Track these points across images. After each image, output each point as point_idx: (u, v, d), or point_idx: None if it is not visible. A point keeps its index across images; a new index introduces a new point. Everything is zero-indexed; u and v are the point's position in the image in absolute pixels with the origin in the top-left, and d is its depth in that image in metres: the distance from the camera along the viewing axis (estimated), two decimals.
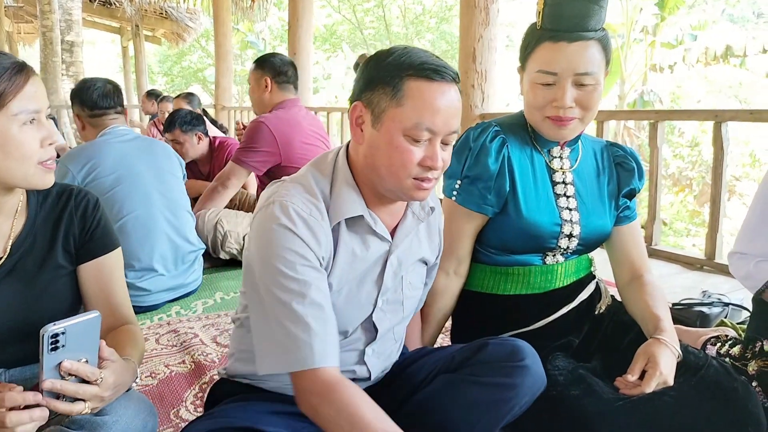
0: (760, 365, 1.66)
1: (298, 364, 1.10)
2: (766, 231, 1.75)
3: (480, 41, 4.60)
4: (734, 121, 3.21)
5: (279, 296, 1.11)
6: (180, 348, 2.31)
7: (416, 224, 1.32)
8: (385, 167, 1.16)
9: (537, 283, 1.59)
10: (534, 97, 1.45)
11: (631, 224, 1.67)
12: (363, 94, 1.17)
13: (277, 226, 1.13)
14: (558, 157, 1.58)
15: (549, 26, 1.42)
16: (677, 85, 14.51)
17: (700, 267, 3.37)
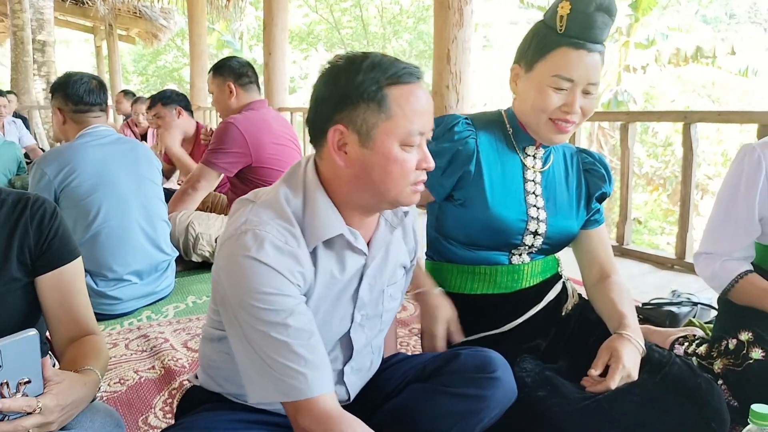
0: (725, 364, 1.69)
1: (293, 394, 1.06)
2: (730, 230, 1.78)
3: (454, 42, 4.61)
4: (703, 122, 3.26)
5: (260, 329, 1.07)
6: (150, 353, 2.29)
7: (390, 232, 1.28)
8: (382, 182, 1.12)
9: (504, 283, 1.60)
10: (543, 99, 1.45)
11: (599, 228, 1.70)
12: (338, 114, 1.10)
13: (250, 259, 1.06)
14: (531, 156, 1.60)
15: (574, 33, 1.41)
16: (651, 86, 14.68)
17: (671, 266, 3.41)
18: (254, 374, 1.09)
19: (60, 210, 1.30)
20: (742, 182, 1.74)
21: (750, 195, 1.73)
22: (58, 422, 1.04)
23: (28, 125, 7.19)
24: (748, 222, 1.74)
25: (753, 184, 1.72)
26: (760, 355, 1.62)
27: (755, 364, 1.62)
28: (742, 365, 1.64)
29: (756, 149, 1.74)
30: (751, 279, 1.74)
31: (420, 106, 1.12)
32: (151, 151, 2.90)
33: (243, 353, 1.10)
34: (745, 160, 1.75)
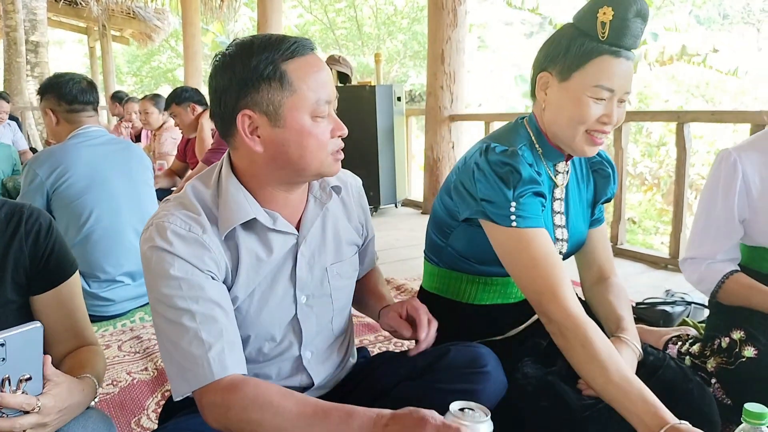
0: (718, 362, 1.69)
1: (197, 381, 1.05)
2: (712, 234, 1.79)
3: (448, 43, 4.61)
4: (696, 122, 3.27)
5: (168, 317, 1.08)
6: (143, 355, 2.28)
7: (320, 208, 1.27)
8: (301, 157, 1.12)
9: (514, 293, 1.58)
10: (582, 110, 1.37)
11: (600, 227, 1.67)
12: (242, 100, 1.10)
13: (155, 248, 1.09)
14: (562, 173, 1.53)
15: (614, 41, 1.35)
16: (644, 86, 14.70)
17: (664, 266, 3.41)
18: (169, 368, 1.10)
19: (55, 223, 1.26)
20: (720, 187, 1.76)
21: (728, 199, 1.75)
22: (52, 425, 1.03)
23: (21, 126, 7.16)
24: (728, 225, 1.76)
25: (730, 188, 1.74)
26: (752, 353, 1.63)
27: (748, 362, 1.62)
28: (735, 363, 1.65)
29: (732, 154, 1.75)
30: (737, 278, 1.76)
31: (320, 76, 1.12)
32: (143, 152, 2.89)
33: (161, 345, 1.11)
34: (722, 165, 1.76)
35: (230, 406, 1.03)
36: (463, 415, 1.00)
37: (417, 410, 0.97)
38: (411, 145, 6.05)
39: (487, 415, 1.01)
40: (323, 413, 1.01)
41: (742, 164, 1.73)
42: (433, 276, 1.66)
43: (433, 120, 4.98)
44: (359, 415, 0.99)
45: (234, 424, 1.03)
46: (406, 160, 5.73)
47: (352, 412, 1.00)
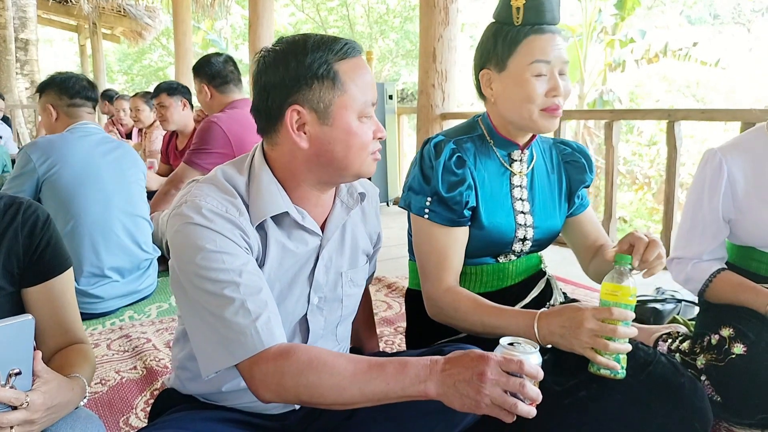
0: (708, 359, 1.69)
1: (244, 352, 1.03)
2: (698, 233, 1.80)
3: (440, 41, 4.61)
4: (687, 120, 3.28)
5: (209, 289, 1.06)
6: (132, 353, 2.26)
7: (346, 213, 1.28)
8: (345, 156, 1.14)
9: (490, 282, 1.60)
10: (527, 90, 1.44)
11: (586, 211, 1.71)
12: (293, 96, 1.11)
13: (191, 224, 1.08)
14: (518, 161, 1.58)
15: (531, 21, 1.43)
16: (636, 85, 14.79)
17: None
18: (205, 344, 1.07)
19: (52, 218, 1.25)
20: (706, 187, 1.77)
21: (714, 199, 1.76)
22: (40, 423, 1.01)
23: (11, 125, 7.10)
24: (714, 225, 1.77)
25: (716, 189, 1.75)
26: (741, 350, 1.63)
27: (737, 359, 1.62)
28: (725, 360, 1.65)
29: (717, 154, 1.76)
30: (724, 276, 1.76)
31: (368, 78, 1.16)
32: (137, 154, 2.88)
33: (193, 324, 1.09)
34: (708, 165, 1.77)
35: (284, 372, 1.01)
36: (514, 349, 1.03)
37: (472, 350, 1.00)
38: (403, 143, 6.04)
39: (535, 348, 1.05)
40: (379, 367, 1.00)
41: (727, 164, 1.73)
42: (415, 272, 1.66)
43: (425, 118, 4.98)
44: (414, 364, 1.00)
45: (290, 390, 1.01)
46: (397, 158, 5.72)
47: (407, 362, 1.00)
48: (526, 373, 0.96)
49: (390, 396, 1.00)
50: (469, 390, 0.95)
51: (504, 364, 0.96)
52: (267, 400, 1.05)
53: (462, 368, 0.96)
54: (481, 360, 0.96)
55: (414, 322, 1.71)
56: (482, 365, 0.95)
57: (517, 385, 0.95)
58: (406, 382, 0.98)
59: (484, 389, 0.94)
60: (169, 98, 3.81)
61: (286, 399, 1.04)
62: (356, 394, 1.00)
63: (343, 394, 1.00)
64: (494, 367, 0.95)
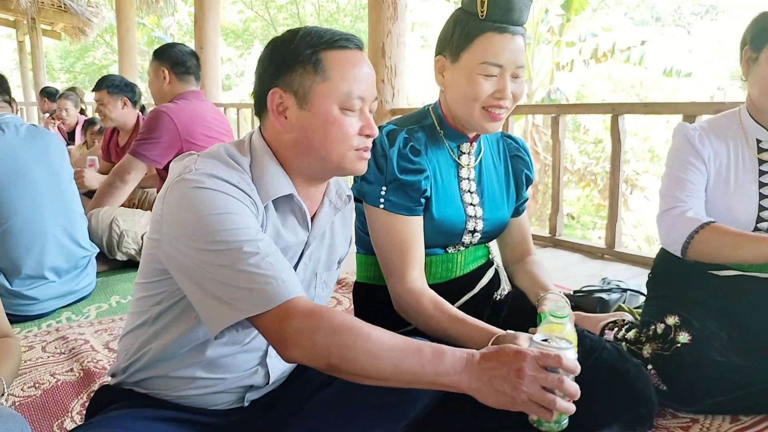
0: (654, 348, 1.71)
1: (274, 299, 0.99)
2: (683, 188, 1.75)
3: (389, 36, 4.59)
4: (630, 114, 3.35)
5: (225, 247, 1.01)
6: (68, 355, 2.17)
7: (333, 213, 1.27)
8: (323, 145, 1.12)
9: (438, 273, 1.59)
10: (474, 88, 1.42)
11: (521, 216, 1.75)
12: (277, 79, 1.12)
13: (202, 189, 1.03)
14: (466, 153, 1.58)
15: (495, 17, 1.40)
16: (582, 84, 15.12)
17: (601, 256, 3.48)
18: (216, 301, 1.01)
19: None
20: (684, 150, 1.76)
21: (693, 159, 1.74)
22: None
23: None
24: (697, 181, 1.73)
25: (694, 151, 1.74)
26: (686, 339, 1.65)
27: (682, 347, 1.64)
28: (670, 349, 1.66)
29: (690, 125, 1.78)
30: (716, 226, 1.66)
31: (359, 72, 1.13)
32: (59, 140, 2.75)
33: (201, 284, 1.03)
34: (683, 135, 1.78)
35: (318, 328, 0.98)
36: (549, 345, 1.00)
37: (509, 345, 0.99)
38: None
39: (570, 343, 1.02)
40: (416, 347, 0.99)
41: (701, 138, 1.74)
42: (364, 265, 1.67)
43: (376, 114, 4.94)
44: (450, 354, 0.98)
45: (323, 348, 0.98)
46: None
47: (444, 350, 0.99)
48: (564, 368, 0.95)
49: (421, 379, 0.98)
50: (505, 386, 0.94)
51: (542, 359, 0.94)
52: (295, 358, 1.01)
53: (498, 364, 0.95)
54: (519, 356, 0.95)
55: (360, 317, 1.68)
56: (520, 361, 0.94)
57: (555, 381, 0.94)
58: (441, 369, 0.97)
59: (522, 386, 0.93)
60: (109, 96, 3.69)
61: (317, 359, 0.99)
62: (388, 368, 0.98)
63: (375, 363, 0.98)
64: (532, 363, 0.94)
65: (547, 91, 11.17)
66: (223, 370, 1.19)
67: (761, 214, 1.70)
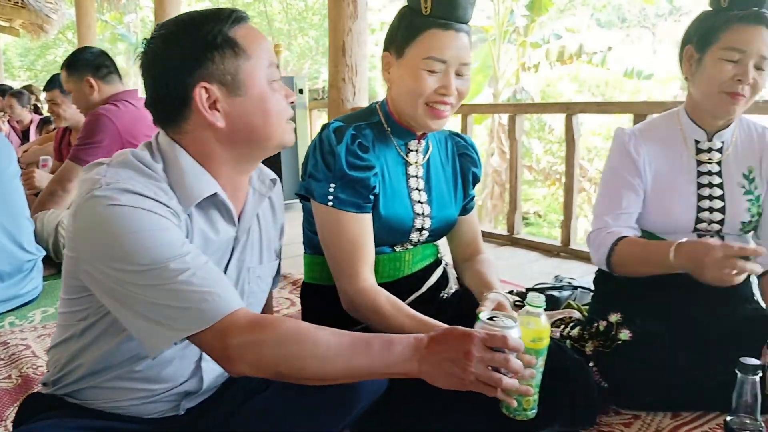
0: (595, 346, 1.71)
1: (211, 316, 0.96)
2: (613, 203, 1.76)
3: (349, 34, 4.56)
4: (584, 113, 3.38)
5: (151, 267, 0.97)
6: (7, 362, 2.10)
7: (260, 201, 1.23)
8: (265, 125, 1.09)
9: (386, 272, 1.57)
10: (418, 83, 1.42)
11: (469, 215, 1.74)
12: (196, 75, 1.04)
13: (117, 206, 0.97)
14: (414, 151, 1.57)
15: (439, 13, 1.40)
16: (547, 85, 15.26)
17: (557, 253, 3.51)
18: (149, 323, 0.98)
19: None
20: (618, 160, 1.77)
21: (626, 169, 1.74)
22: None
23: None
24: (628, 194, 1.74)
25: (627, 161, 1.75)
26: (627, 336, 1.65)
27: (623, 345, 1.65)
28: (611, 347, 1.67)
29: (627, 132, 1.78)
30: (630, 239, 1.69)
31: (264, 40, 1.11)
32: (6, 141, 2.66)
33: (136, 307, 0.99)
34: (619, 141, 1.78)
35: (262, 341, 0.97)
36: (495, 323, 1.05)
37: (456, 327, 1.00)
38: None
39: (515, 322, 1.07)
40: (364, 342, 0.99)
41: (637, 144, 1.75)
42: (312, 266, 1.64)
43: (336, 112, 4.91)
44: (398, 342, 0.99)
45: (269, 361, 0.98)
46: None
47: (392, 340, 1.00)
48: (509, 347, 0.98)
49: (373, 372, 1.00)
50: (455, 369, 0.96)
51: (488, 340, 0.96)
52: (241, 372, 0.99)
53: (447, 347, 0.97)
54: (466, 338, 0.97)
55: (308, 317, 1.66)
56: (468, 343, 0.96)
57: (502, 360, 0.96)
58: (391, 360, 0.98)
59: (470, 367, 0.95)
60: (62, 96, 3.58)
61: (265, 371, 0.99)
62: (340, 368, 0.98)
63: (325, 367, 0.98)
64: (479, 345, 0.96)
65: (513, 90, 11.25)
66: (158, 379, 1.16)
67: (699, 215, 1.72)
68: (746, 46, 1.57)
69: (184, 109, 1.07)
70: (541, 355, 1.16)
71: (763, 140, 1.77)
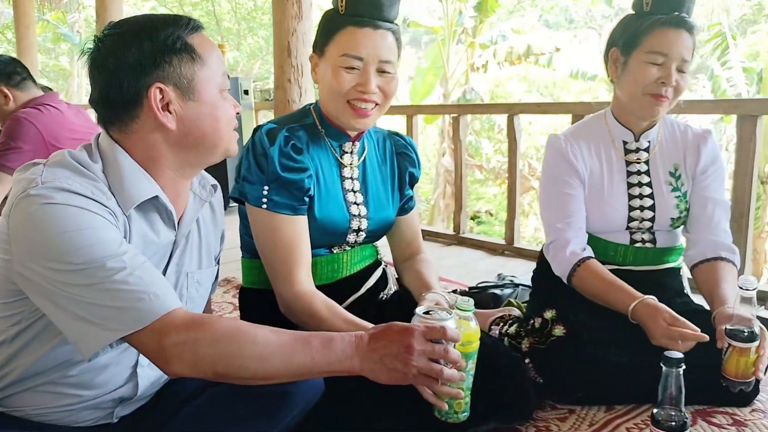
0: (531, 342, 1.74)
1: (148, 316, 0.95)
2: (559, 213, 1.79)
3: (294, 35, 4.52)
4: (524, 113, 3.43)
5: (87, 266, 0.95)
6: None
7: (200, 206, 1.23)
8: (215, 131, 1.11)
9: (324, 274, 1.57)
10: (337, 81, 1.42)
11: (410, 214, 1.74)
12: (152, 76, 1.05)
13: (52, 205, 0.96)
14: (349, 152, 1.57)
15: (354, 11, 1.41)
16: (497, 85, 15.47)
17: (501, 252, 3.55)
18: (92, 319, 0.96)
19: None
20: (556, 167, 1.80)
21: (564, 176, 1.77)
22: None
23: None
24: (571, 201, 1.76)
25: (565, 167, 1.77)
26: (561, 332, 1.69)
27: (557, 341, 1.68)
28: (546, 343, 1.70)
29: (561, 137, 1.81)
30: (591, 267, 1.72)
31: (218, 51, 1.14)
32: None
33: (70, 307, 0.97)
34: (553, 148, 1.81)
35: (199, 340, 0.96)
36: (431, 317, 1.08)
37: (395, 323, 1.02)
38: None
39: (450, 314, 1.11)
40: (304, 340, 1.00)
41: (571, 147, 1.78)
42: (250, 270, 1.62)
43: (282, 113, 4.88)
44: (339, 340, 1.00)
45: (206, 360, 0.96)
46: None
47: (332, 338, 1.01)
48: (447, 338, 1.01)
49: (314, 370, 1.00)
50: (396, 363, 0.98)
51: (428, 332, 0.99)
52: (178, 373, 0.97)
53: (388, 342, 0.99)
54: (407, 332, 0.99)
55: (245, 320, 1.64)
56: (408, 337, 0.98)
57: (441, 352, 0.99)
58: (332, 358, 0.99)
59: (412, 360, 0.97)
60: None
61: (203, 371, 0.97)
62: (280, 367, 0.98)
63: (265, 365, 0.98)
64: (419, 338, 0.99)
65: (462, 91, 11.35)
66: (91, 385, 1.13)
67: (631, 214, 1.77)
68: (669, 49, 1.62)
69: (135, 108, 1.07)
70: (471, 358, 1.17)
71: (686, 138, 1.82)
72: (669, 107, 1.69)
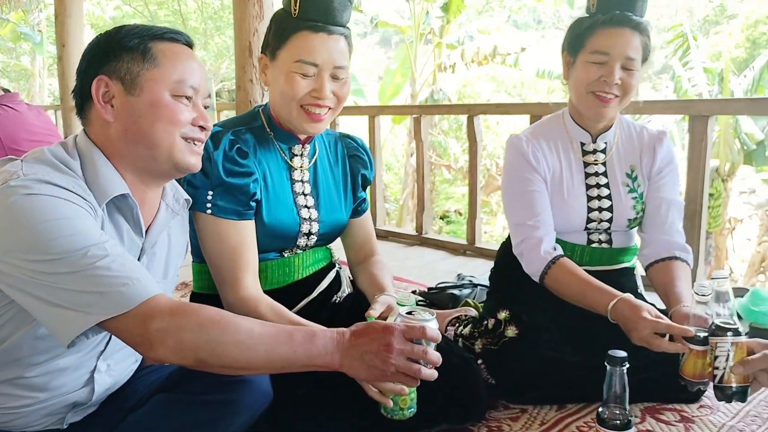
0: (484, 343, 1.74)
1: (130, 301, 0.96)
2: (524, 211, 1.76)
3: (255, 35, 4.47)
4: (485, 114, 3.45)
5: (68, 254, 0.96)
6: None
7: (171, 218, 1.23)
8: (152, 129, 1.10)
9: (275, 278, 1.55)
10: (291, 87, 1.40)
11: (362, 217, 1.73)
12: (102, 68, 1.09)
13: (32, 196, 0.97)
14: (299, 155, 1.55)
15: (311, 16, 1.38)
16: (464, 85, 15.55)
17: (463, 252, 3.56)
18: (73, 306, 0.96)
19: None
20: (517, 167, 1.79)
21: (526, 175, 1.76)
22: None
23: None
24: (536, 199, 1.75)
25: (526, 166, 1.77)
26: (514, 333, 1.69)
27: (509, 341, 1.69)
28: (498, 343, 1.70)
29: (521, 138, 1.80)
30: (565, 266, 1.70)
31: (190, 64, 1.14)
32: None
33: (49, 297, 0.97)
34: (514, 148, 1.80)
35: (183, 325, 0.97)
36: (413, 317, 1.10)
37: (377, 321, 1.06)
38: None
39: (432, 315, 1.13)
40: (287, 333, 1.02)
41: (531, 147, 1.77)
42: (200, 274, 1.60)
43: None
44: (321, 335, 1.02)
45: (190, 345, 0.97)
46: None
47: (314, 333, 1.03)
48: (427, 338, 1.03)
49: (295, 364, 1.01)
50: (376, 361, 1.00)
51: (408, 332, 1.01)
52: (161, 358, 0.98)
53: (368, 339, 1.01)
54: (387, 331, 1.01)
55: None
56: (388, 336, 1.00)
57: (420, 352, 1.01)
58: (313, 352, 1.01)
59: (391, 359, 0.99)
60: None
61: (185, 356, 0.98)
62: (261, 357, 1.00)
63: (247, 354, 0.99)
64: (399, 337, 1.00)
65: (430, 91, 11.38)
66: (46, 388, 1.12)
67: (590, 215, 1.78)
68: (610, 49, 1.63)
69: (89, 99, 1.11)
70: None
71: (642, 139, 1.84)
72: (619, 107, 1.70)
